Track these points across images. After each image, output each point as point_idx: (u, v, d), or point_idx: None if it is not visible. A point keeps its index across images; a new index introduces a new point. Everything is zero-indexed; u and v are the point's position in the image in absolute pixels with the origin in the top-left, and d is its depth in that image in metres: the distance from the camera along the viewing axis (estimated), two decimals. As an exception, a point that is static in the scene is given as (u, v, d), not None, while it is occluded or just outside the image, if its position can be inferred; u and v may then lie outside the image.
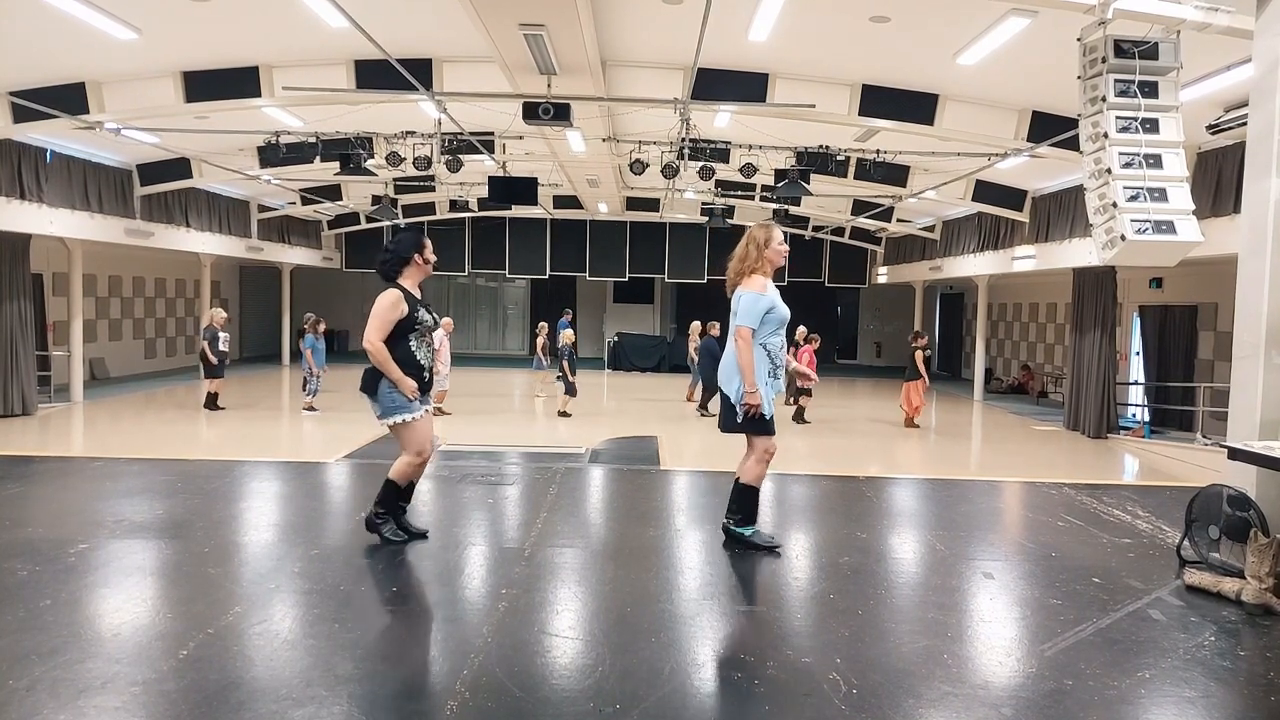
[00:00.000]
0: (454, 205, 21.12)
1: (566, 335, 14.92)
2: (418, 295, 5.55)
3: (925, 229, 21.27)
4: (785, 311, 5.56)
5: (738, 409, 5.46)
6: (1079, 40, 6.09)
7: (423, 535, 5.83)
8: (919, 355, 14.17)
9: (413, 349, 5.46)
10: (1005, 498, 7.92)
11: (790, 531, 6.40)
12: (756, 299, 5.45)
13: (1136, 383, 17.05)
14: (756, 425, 5.51)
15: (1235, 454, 5.20)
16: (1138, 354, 17.19)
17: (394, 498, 5.74)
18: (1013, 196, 16.14)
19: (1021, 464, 11.78)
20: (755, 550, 5.64)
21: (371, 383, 5.45)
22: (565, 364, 14.49)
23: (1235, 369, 5.79)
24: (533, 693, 3.56)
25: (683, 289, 28.52)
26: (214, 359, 13.85)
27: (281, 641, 4.03)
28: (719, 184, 16.90)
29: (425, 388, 5.55)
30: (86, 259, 15.92)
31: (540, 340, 17.21)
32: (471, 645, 4.01)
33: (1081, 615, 4.55)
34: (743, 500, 5.72)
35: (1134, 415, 16.17)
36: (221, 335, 14.02)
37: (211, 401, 13.96)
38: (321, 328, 14.49)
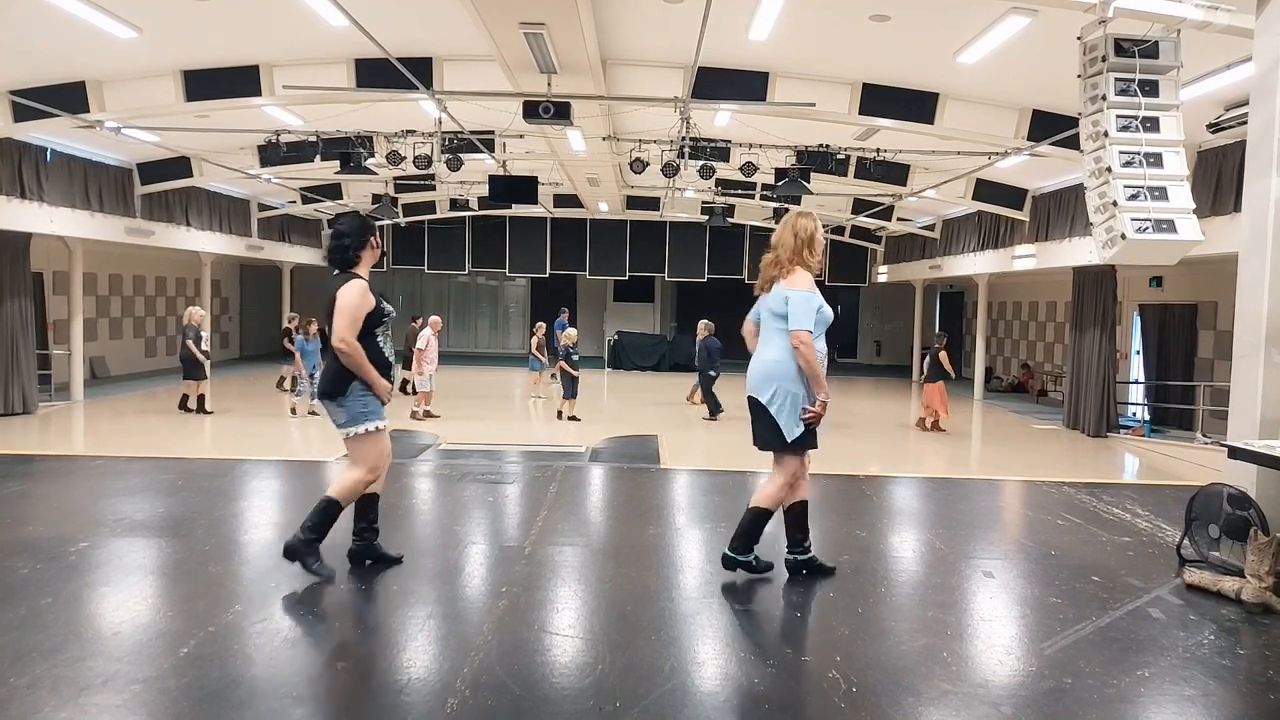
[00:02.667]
0: (454, 204, 21.17)
1: (568, 335, 14.57)
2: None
3: (925, 228, 21.27)
4: (830, 312, 4.89)
5: (782, 422, 4.72)
6: (1079, 39, 6.08)
7: (398, 560, 5.15)
8: (945, 356, 13.96)
9: (381, 345, 4.87)
10: (1005, 496, 7.93)
11: (790, 530, 6.40)
12: (809, 298, 4.74)
13: (1136, 381, 17.05)
14: (803, 441, 4.78)
15: (1235, 453, 5.20)
16: (1138, 353, 17.20)
17: (331, 522, 4.84)
18: (1013, 195, 16.14)
19: (1021, 463, 11.78)
20: (754, 573, 4.99)
21: (341, 386, 4.74)
22: (567, 364, 14.13)
23: (1235, 368, 5.79)
24: (533, 690, 3.56)
25: (683, 288, 28.51)
26: (202, 357, 13.60)
27: (282, 639, 4.03)
28: (719, 183, 16.92)
29: None
30: (87, 258, 15.93)
31: (535, 340, 17.21)
32: (472, 643, 4.01)
33: (1081, 614, 4.55)
34: (754, 527, 4.89)
35: (1134, 414, 16.18)
36: (203, 335, 13.83)
37: (200, 403, 13.65)
38: (312, 329, 14.23)
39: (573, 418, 14.04)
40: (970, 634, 4.36)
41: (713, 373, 14.71)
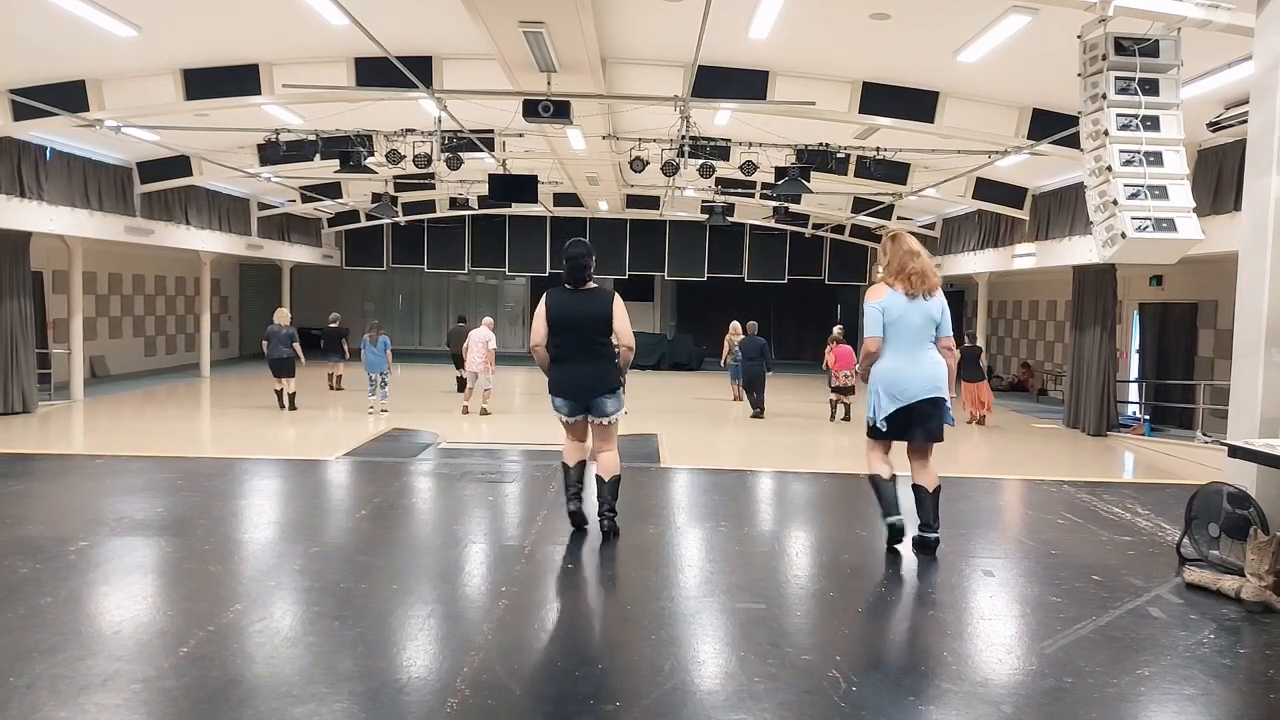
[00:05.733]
0: (454, 203, 21.13)
1: None
2: None
3: (926, 226, 21.26)
4: None
5: (948, 414, 5.54)
6: (1079, 38, 6.08)
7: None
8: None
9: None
10: (1005, 495, 7.92)
11: (791, 529, 6.41)
12: None
13: (1135, 380, 17.05)
14: None
15: (1235, 451, 5.19)
16: (1139, 352, 17.21)
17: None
18: (1013, 194, 16.14)
19: (1021, 461, 11.78)
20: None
21: (619, 381, 5.72)
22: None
23: (1235, 366, 5.78)
24: (533, 690, 3.56)
25: (683, 287, 28.50)
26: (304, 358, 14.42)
27: (282, 639, 4.03)
28: (719, 182, 16.91)
29: None
30: (86, 257, 15.93)
31: None
32: (472, 643, 4.01)
33: (1081, 613, 4.55)
34: (938, 503, 5.57)
35: (1134, 413, 16.19)
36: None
37: (291, 400, 14.22)
38: (371, 335, 14.49)
39: None
40: (970, 633, 4.36)
41: (770, 369, 15.25)
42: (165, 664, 3.69)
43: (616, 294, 5.76)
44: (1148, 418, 15.21)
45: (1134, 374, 17.27)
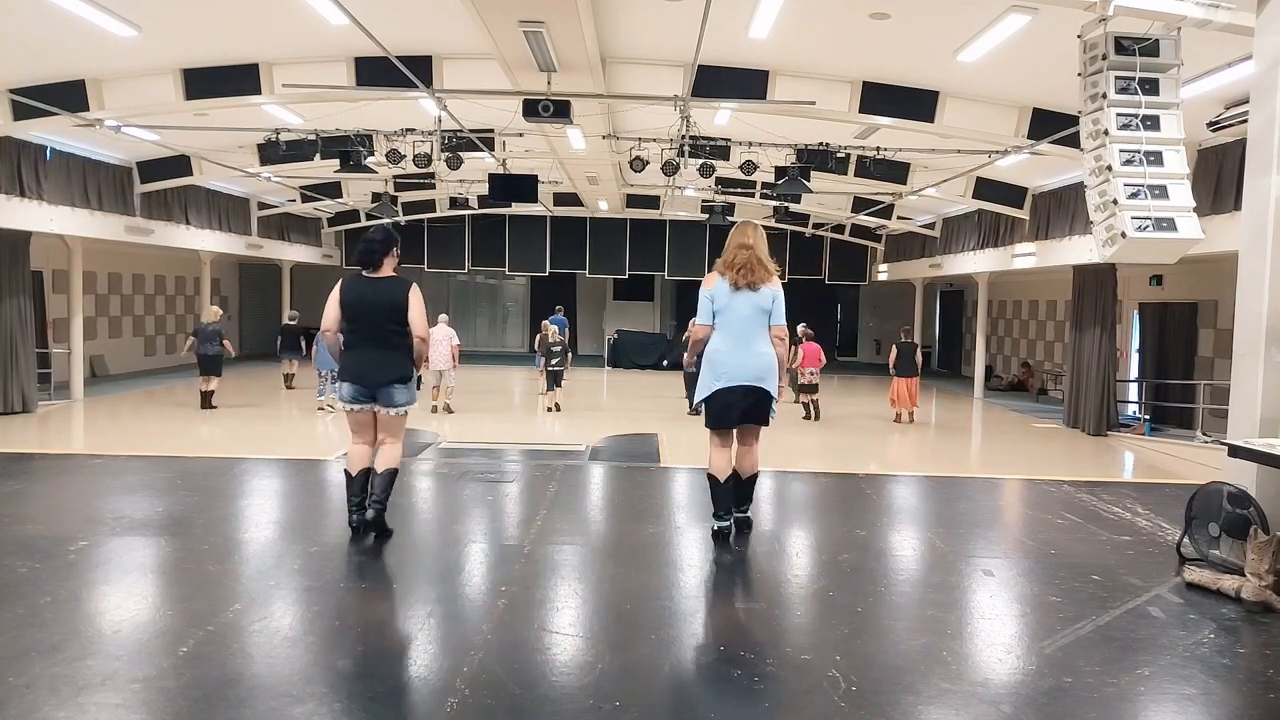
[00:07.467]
0: (454, 203, 21.13)
1: (550, 330, 15.49)
2: None
3: (925, 226, 21.26)
4: None
5: (773, 402, 5.60)
6: (1079, 37, 6.07)
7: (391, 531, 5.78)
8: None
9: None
10: (1005, 495, 7.92)
11: (790, 528, 6.41)
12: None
13: (1136, 380, 17.05)
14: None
15: (1235, 451, 5.20)
16: (1138, 352, 17.21)
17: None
18: (1013, 194, 16.14)
19: (1021, 461, 11.78)
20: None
21: (411, 372, 5.59)
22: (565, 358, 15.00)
23: (1235, 366, 5.78)
24: (532, 690, 3.56)
25: (683, 286, 28.48)
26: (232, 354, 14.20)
27: (281, 638, 4.03)
28: (719, 181, 16.90)
29: None
30: (86, 256, 15.92)
31: (540, 336, 17.33)
32: (471, 642, 4.01)
33: (1081, 612, 4.55)
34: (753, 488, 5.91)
35: (1133, 413, 16.18)
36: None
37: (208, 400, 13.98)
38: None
39: (553, 408, 14.92)
40: (970, 632, 4.36)
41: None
42: (164, 663, 3.69)
43: (415, 284, 5.66)
44: (1147, 417, 15.21)
45: (1134, 374, 17.27)
